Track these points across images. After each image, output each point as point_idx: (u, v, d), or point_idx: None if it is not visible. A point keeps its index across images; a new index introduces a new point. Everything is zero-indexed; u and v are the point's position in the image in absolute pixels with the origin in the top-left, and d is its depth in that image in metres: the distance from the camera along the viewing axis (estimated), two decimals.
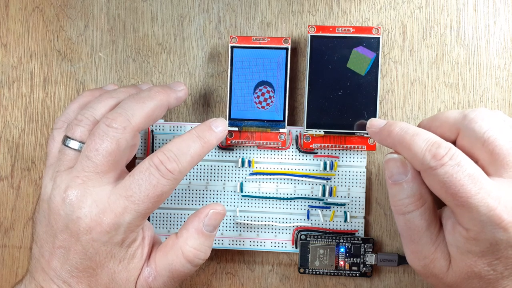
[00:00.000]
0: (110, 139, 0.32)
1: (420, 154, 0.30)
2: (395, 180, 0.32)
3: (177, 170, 0.32)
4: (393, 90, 0.39)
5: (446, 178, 0.29)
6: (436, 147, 0.30)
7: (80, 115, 0.34)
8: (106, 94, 0.35)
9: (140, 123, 0.33)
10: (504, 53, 0.39)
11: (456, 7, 0.39)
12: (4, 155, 0.41)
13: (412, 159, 0.31)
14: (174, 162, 0.32)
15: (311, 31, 0.37)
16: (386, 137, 0.33)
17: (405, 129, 0.32)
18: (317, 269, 0.38)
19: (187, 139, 0.33)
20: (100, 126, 0.32)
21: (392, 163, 0.32)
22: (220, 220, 0.34)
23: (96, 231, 0.31)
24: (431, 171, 0.30)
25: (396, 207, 0.32)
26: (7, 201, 0.40)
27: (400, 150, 0.32)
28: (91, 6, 0.40)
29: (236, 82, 0.38)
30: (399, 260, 0.38)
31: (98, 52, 0.40)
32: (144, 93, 0.34)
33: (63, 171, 0.33)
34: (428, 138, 0.31)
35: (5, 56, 0.41)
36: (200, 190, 0.39)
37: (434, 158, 0.30)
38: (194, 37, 0.40)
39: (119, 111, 0.32)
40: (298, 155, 0.38)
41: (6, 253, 0.40)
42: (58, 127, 0.35)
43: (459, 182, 0.29)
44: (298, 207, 0.39)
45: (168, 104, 0.35)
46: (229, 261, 0.40)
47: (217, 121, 0.35)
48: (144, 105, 0.33)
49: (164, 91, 0.35)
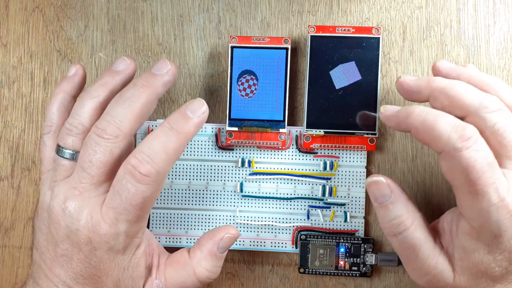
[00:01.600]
0: (103, 149, 0.31)
1: (445, 134, 0.29)
2: (380, 203, 0.32)
3: (153, 172, 0.30)
4: (393, 90, 0.39)
5: (469, 162, 0.29)
6: (463, 128, 0.29)
7: (68, 124, 0.33)
8: (86, 96, 0.33)
9: (132, 128, 0.32)
10: (504, 53, 0.39)
11: (456, 7, 0.39)
12: (4, 155, 0.41)
13: (435, 140, 0.30)
14: (148, 164, 0.30)
15: (311, 31, 0.37)
16: (404, 119, 0.32)
17: (426, 111, 0.31)
18: (317, 269, 0.38)
19: (158, 135, 0.31)
20: (91, 136, 0.31)
21: (373, 186, 0.32)
22: (232, 243, 0.35)
23: (96, 241, 0.31)
24: (455, 152, 0.29)
25: (387, 230, 0.32)
26: (7, 201, 0.40)
27: (422, 131, 0.31)
28: (91, 6, 0.40)
29: (236, 82, 0.38)
30: (399, 260, 0.38)
31: (98, 52, 0.40)
32: (128, 93, 0.32)
33: (61, 181, 0.32)
34: (452, 120, 0.30)
35: (5, 56, 0.41)
36: (200, 190, 0.39)
37: (461, 138, 0.29)
38: (194, 37, 0.40)
39: (107, 119, 0.31)
40: (298, 155, 0.38)
41: (6, 253, 0.40)
42: (46, 132, 0.35)
43: (481, 169, 0.29)
44: (298, 207, 0.39)
45: (156, 96, 0.33)
46: (229, 261, 0.40)
47: (192, 104, 0.32)
48: (131, 107, 0.32)
49: (149, 84, 0.33)
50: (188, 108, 0.32)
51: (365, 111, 0.37)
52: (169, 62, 0.34)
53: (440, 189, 0.39)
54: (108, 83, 0.34)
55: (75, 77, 0.36)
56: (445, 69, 0.34)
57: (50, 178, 0.33)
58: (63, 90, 0.35)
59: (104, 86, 0.34)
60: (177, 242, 0.39)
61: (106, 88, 0.34)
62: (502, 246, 0.30)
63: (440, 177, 0.39)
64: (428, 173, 0.39)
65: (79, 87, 0.36)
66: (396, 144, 0.39)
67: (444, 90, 0.32)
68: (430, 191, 0.39)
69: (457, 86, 0.32)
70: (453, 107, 0.32)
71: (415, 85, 0.33)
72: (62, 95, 0.35)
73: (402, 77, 0.34)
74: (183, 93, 0.40)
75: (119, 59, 0.35)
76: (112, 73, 0.34)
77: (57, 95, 0.35)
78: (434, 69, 0.35)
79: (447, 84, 0.32)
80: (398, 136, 0.39)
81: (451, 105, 0.32)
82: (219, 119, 0.40)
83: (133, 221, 0.31)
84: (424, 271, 0.32)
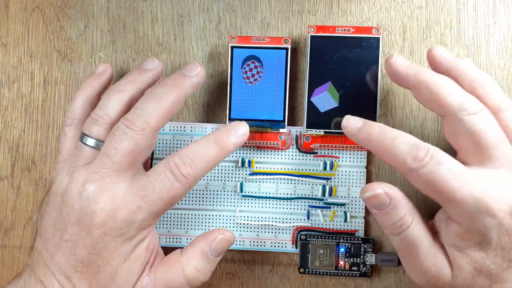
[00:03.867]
0: (129, 139, 0.32)
1: (402, 158, 0.31)
2: (380, 209, 0.32)
3: (191, 175, 0.32)
4: (393, 90, 0.39)
5: (428, 177, 0.30)
6: (416, 149, 0.31)
7: (94, 115, 0.34)
8: (113, 89, 0.35)
9: (158, 123, 0.33)
10: (504, 53, 0.39)
11: (456, 7, 0.39)
12: (4, 155, 0.41)
13: (394, 163, 0.32)
14: (189, 167, 0.32)
15: (311, 31, 0.37)
16: (365, 141, 0.33)
17: (384, 133, 0.32)
18: (317, 269, 0.38)
19: (204, 144, 0.33)
20: (119, 126, 0.33)
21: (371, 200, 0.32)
22: (227, 247, 0.35)
23: (109, 226, 0.31)
24: (412, 173, 0.31)
25: (389, 230, 0.33)
26: (7, 201, 0.40)
27: (381, 154, 0.32)
28: (91, 6, 0.40)
29: (236, 82, 0.38)
30: (399, 260, 0.38)
31: (98, 52, 0.40)
32: (158, 90, 0.34)
33: (81, 166, 0.33)
34: (407, 141, 0.31)
35: (5, 56, 0.41)
36: (200, 190, 0.39)
37: (415, 160, 0.30)
38: (194, 37, 0.40)
39: (137, 112, 0.33)
40: (298, 155, 0.38)
41: (6, 253, 0.40)
42: (68, 124, 0.36)
43: (442, 178, 0.30)
44: (298, 207, 0.39)
45: (185, 96, 0.35)
46: (229, 261, 0.40)
47: (238, 125, 0.34)
48: (160, 104, 0.33)
49: (178, 85, 0.34)
50: (232, 128, 0.34)
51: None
52: (199, 65, 0.35)
53: None
54: (136, 79, 0.35)
55: (102, 75, 0.37)
56: (439, 57, 0.34)
57: (68, 165, 0.34)
58: (90, 85, 0.37)
59: (132, 82, 0.35)
60: (177, 242, 0.39)
61: (133, 84, 0.35)
62: (492, 243, 0.30)
63: None
64: None
65: (105, 85, 0.37)
66: None
67: (429, 85, 0.32)
68: None
69: (442, 84, 0.32)
70: (434, 103, 0.32)
71: (404, 71, 0.33)
72: (89, 89, 0.36)
73: (394, 58, 0.34)
74: None
75: (148, 59, 0.36)
76: (141, 71, 0.36)
77: (84, 89, 0.36)
78: (429, 54, 0.35)
79: (433, 79, 0.32)
80: None
81: (433, 101, 0.32)
82: (219, 119, 0.40)
83: (154, 214, 0.32)
84: (424, 269, 0.32)
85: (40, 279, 0.32)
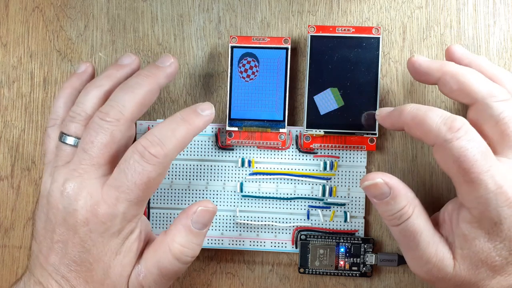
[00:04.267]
0: (104, 131, 0.32)
1: (435, 127, 0.31)
2: (379, 199, 0.32)
3: (161, 154, 0.31)
4: (393, 90, 0.39)
5: (461, 152, 0.30)
6: (452, 120, 0.30)
7: (72, 112, 0.34)
8: (91, 85, 0.35)
9: (133, 113, 0.33)
10: (504, 53, 0.39)
11: (456, 7, 0.39)
12: (4, 155, 0.41)
13: (426, 133, 0.31)
14: (157, 145, 0.31)
15: (311, 31, 0.37)
16: (397, 118, 0.33)
17: (417, 107, 0.32)
18: (317, 269, 0.38)
19: (171, 123, 0.33)
20: (94, 120, 0.33)
21: (371, 189, 0.32)
22: (209, 217, 0.34)
23: (93, 222, 0.31)
24: (446, 144, 0.30)
25: (389, 221, 0.33)
26: (7, 201, 0.40)
27: (413, 126, 0.32)
28: (91, 6, 0.40)
29: (236, 82, 0.38)
30: (399, 260, 0.38)
31: (98, 52, 0.40)
32: (132, 81, 0.34)
33: (61, 166, 0.33)
34: (442, 113, 0.31)
35: (5, 56, 0.41)
36: (200, 190, 0.39)
37: (450, 130, 0.30)
38: (194, 37, 0.40)
39: (111, 104, 0.33)
40: (298, 155, 0.38)
41: (6, 253, 0.40)
42: (50, 125, 0.36)
43: (473, 157, 0.30)
44: (298, 207, 0.39)
45: (159, 86, 0.35)
46: (229, 261, 0.40)
47: (203, 105, 0.34)
48: (134, 94, 0.33)
49: (152, 74, 0.34)
50: (198, 107, 0.34)
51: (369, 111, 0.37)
52: (171, 56, 0.36)
53: (440, 189, 0.39)
54: (112, 74, 0.35)
55: (83, 74, 0.37)
56: (459, 53, 0.35)
57: (51, 166, 0.34)
58: (71, 85, 0.37)
59: (109, 78, 0.35)
60: None
61: (110, 79, 0.35)
62: (502, 234, 0.30)
63: (440, 177, 0.39)
64: (428, 173, 0.39)
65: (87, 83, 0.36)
66: (396, 144, 0.39)
67: (455, 75, 0.33)
68: (430, 191, 0.39)
69: (469, 73, 0.33)
70: (461, 93, 0.32)
71: (426, 66, 0.34)
72: (70, 90, 0.36)
73: (415, 56, 0.35)
74: (183, 93, 0.40)
75: (124, 55, 0.37)
76: (117, 67, 0.36)
77: (65, 89, 0.36)
78: (448, 51, 0.36)
79: (459, 69, 0.33)
80: (398, 136, 0.39)
81: (460, 90, 0.32)
82: (219, 119, 0.40)
83: (133, 202, 0.32)
84: (425, 259, 0.32)
85: (39, 280, 0.32)
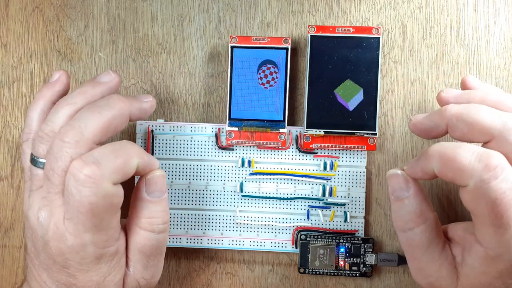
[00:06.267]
0: (64, 156, 0.29)
1: (469, 165, 0.27)
2: (397, 196, 0.32)
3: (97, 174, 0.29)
4: (393, 90, 0.39)
5: (498, 195, 0.27)
6: (487, 156, 0.27)
7: (40, 131, 0.32)
8: (62, 102, 0.32)
9: (95, 135, 0.30)
10: (504, 53, 0.39)
11: (456, 7, 0.39)
12: (4, 155, 0.41)
13: (459, 173, 0.28)
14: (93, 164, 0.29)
15: (311, 31, 0.37)
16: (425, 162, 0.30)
17: (442, 144, 0.29)
18: (317, 269, 0.38)
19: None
20: (54, 141, 0.30)
21: (394, 179, 0.32)
22: (162, 182, 0.32)
23: (67, 252, 0.30)
24: (482, 184, 0.27)
25: (396, 223, 0.32)
26: (7, 201, 0.40)
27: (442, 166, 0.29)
28: (91, 6, 0.40)
29: (236, 82, 0.38)
30: (399, 260, 0.38)
31: (98, 52, 0.40)
32: (102, 102, 0.32)
33: (35, 191, 0.32)
34: (474, 148, 0.28)
35: (5, 56, 0.41)
36: (200, 190, 0.39)
37: (487, 169, 0.27)
38: (194, 37, 0.40)
39: (72, 123, 0.30)
40: (298, 155, 0.38)
41: (6, 253, 0.40)
42: (24, 140, 0.34)
43: (510, 201, 0.27)
44: (298, 207, 0.39)
45: (129, 114, 0.33)
46: (229, 261, 0.40)
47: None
48: (100, 115, 0.31)
49: (126, 100, 0.33)
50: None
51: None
52: (151, 96, 0.35)
53: (441, 189, 0.39)
54: (87, 92, 0.33)
55: (56, 84, 0.35)
56: (452, 97, 0.33)
57: (28, 187, 0.33)
58: (43, 96, 0.34)
59: (82, 95, 0.33)
60: (177, 242, 0.39)
61: (84, 97, 0.32)
62: None
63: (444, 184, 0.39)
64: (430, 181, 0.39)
65: (61, 94, 0.35)
66: (396, 144, 0.39)
67: (461, 117, 0.30)
68: (430, 191, 0.39)
69: (474, 109, 0.30)
70: (474, 133, 0.30)
71: (428, 120, 0.32)
72: (42, 101, 0.34)
73: (413, 119, 0.33)
74: (183, 93, 0.40)
75: (104, 72, 0.35)
76: (94, 83, 0.34)
77: (37, 101, 0.34)
78: (440, 101, 0.33)
79: (461, 109, 0.30)
80: (398, 136, 0.39)
81: (472, 131, 0.30)
82: (219, 119, 0.40)
83: (94, 230, 0.30)
84: (428, 272, 0.32)
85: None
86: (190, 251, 0.40)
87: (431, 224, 0.31)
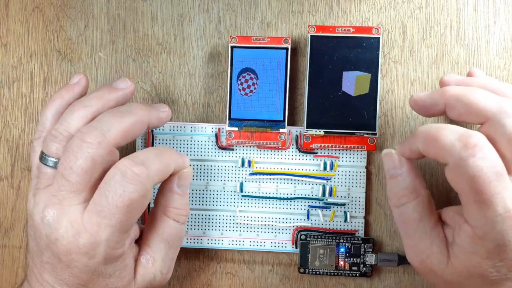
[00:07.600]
0: (85, 156, 0.30)
1: (449, 143, 0.29)
2: (391, 174, 0.33)
3: (144, 173, 0.30)
4: (393, 90, 0.39)
5: (475, 172, 0.28)
6: (467, 136, 0.29)
7: (54, 130, 0.32)
8: (78, 103, 0.33)
9: (116, 139, 0.31)
10: (504, 53, 0.39)
11: (456, 7, 0.39)
12: (4, 155, 0.41)
13: (440, 151, 0.30)
14: (141, 165, 0.30)
15: (311, 31, 0.37)
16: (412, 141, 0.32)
17: (429, 126, 0.31)
18: (317, 269, 0.38)
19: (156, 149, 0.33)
20: (74, 141, 0.31)
21: (387, 158, 0.33)
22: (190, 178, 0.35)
23: (75, 253, 0.30)
24: (460, 162, 0.28)
25: (391, 200, 0.33)
26: (7, 201, 0.40)
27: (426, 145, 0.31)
28: (91, 6, 0.40)
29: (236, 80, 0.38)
30: (399, 260, 0.38)
31: (98, 52, 0.40)
32: (124, 108, 0.33)
33: (42, 189, 0.32)
34: (456, 129, 0.30)
35: (5, 56, 0.41)
36: (200, 190, 0.39)
37: (466, 147, 0.28)
38: (194, 37, 0.40)
39: (94, 124, 0.31)
40: (298, 155, 0.38)
41: (6, 253, 0.40)
42: (37, 137, 0.34)
43: (488, 178, 0.28)
44: (298, 207, 0.39)
45: (148, 122, 0.33)
46: (229, 261, 0.40)
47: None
48: (122, 119, 0.32)
49: (146, 108, 0.33)
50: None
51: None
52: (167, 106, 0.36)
53: (440, 189, 0.39)
54: (103, 96, 0.33)
55: (75, 87, 0.35)
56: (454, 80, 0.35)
57: (34, 185, 0.33)
58: (61, 96, 0.35)
59: (98, 99, 0.33)
60: None
61: (100, 101, 0.33)
62: (503, 255, 0.29)
63: (440, 177, 0.39)
64: (428, 173, 0.39)
65: (78, 97, 0.35)
66: (396, 144, 0.39)
67: (459, 97, 0.31)
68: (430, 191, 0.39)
69: (473, 92, 0.31)
70: (470, 113, 0.31)
71: (429, 98, 0.33)
72: (59, 101, 0.34)
73: (414, 95, 0.34)
74: (183, 93, 0.40)
75: (120, 78, 0.35)
76: (110, 89, 0.34)
77: (54, 101, 0.35)
78: (441, 83, 0.35)
79: (461, 90, 0.32)
80: (398, 136, 0.39)
81: (468, 112, 0.31)
82: (219, 119, 0.40)
83: (116, 228, 0.30)
84: (420, 248, 0.32)
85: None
86: (190, 251, 0.40)
87: (423, 200, 0.32)
